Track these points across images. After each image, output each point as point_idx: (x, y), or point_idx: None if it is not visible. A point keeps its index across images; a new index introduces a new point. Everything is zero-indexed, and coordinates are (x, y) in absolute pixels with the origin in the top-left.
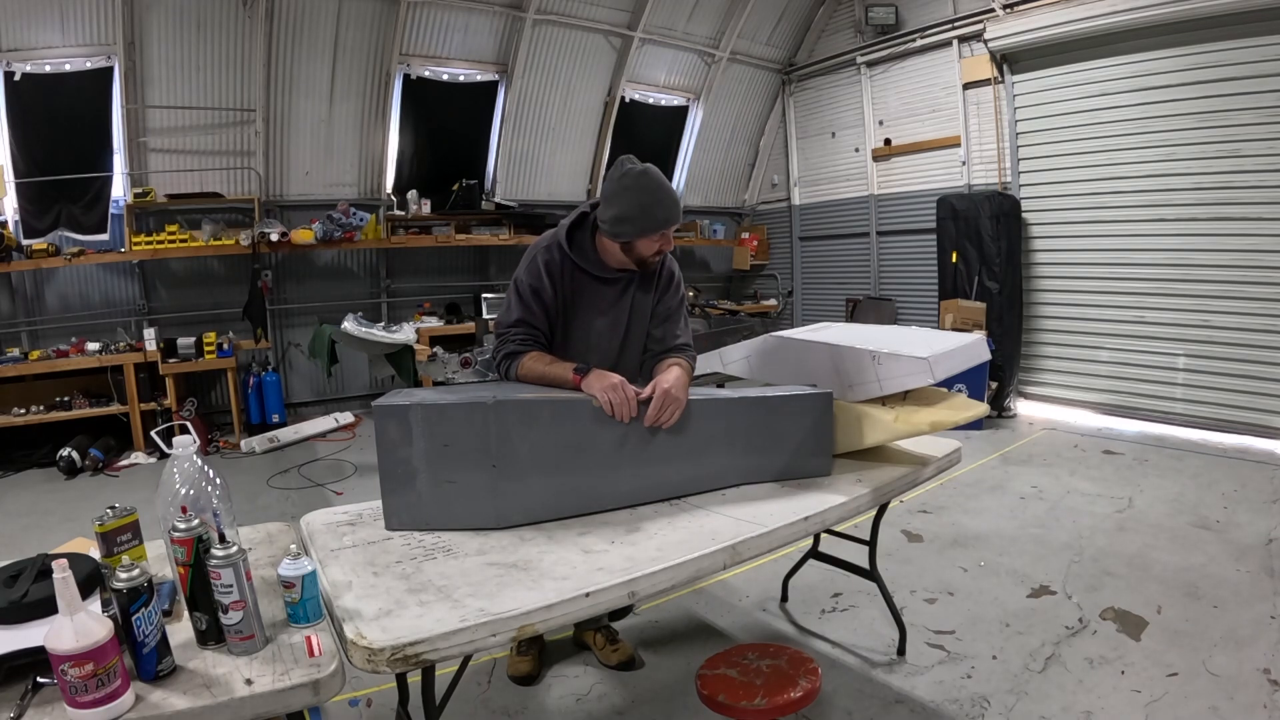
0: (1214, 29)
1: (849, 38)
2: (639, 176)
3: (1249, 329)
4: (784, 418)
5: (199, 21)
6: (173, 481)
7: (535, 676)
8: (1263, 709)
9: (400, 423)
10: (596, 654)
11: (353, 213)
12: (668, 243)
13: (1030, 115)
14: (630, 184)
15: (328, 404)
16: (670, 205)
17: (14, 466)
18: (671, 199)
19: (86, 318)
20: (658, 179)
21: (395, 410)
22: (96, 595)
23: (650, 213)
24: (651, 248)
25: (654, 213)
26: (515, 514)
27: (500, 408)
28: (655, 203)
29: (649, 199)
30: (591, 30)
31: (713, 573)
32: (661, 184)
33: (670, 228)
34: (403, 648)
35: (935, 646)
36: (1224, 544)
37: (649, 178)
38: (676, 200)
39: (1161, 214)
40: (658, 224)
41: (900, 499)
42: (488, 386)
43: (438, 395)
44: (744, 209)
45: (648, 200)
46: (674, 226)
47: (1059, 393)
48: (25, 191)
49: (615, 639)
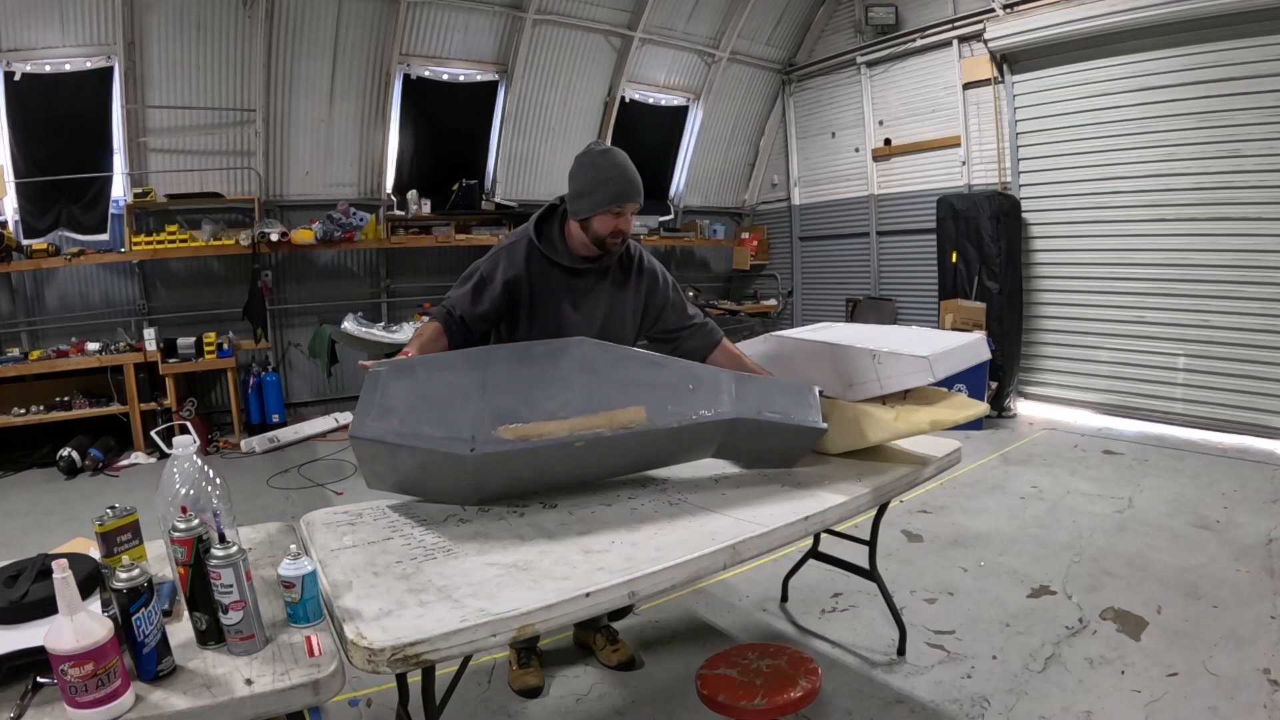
0: (1214, 29)
1: (849, 38)
2: (599, 155)
3: (1249, 329)
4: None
5: (199, 21)
6: (173, 481)
7: (541, 688)
8: (1263, 709)
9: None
10: (597, 654)
11: (353, 213)
12: (625, 223)
13: (1030, 115)
14: (589, 162)
15: (328, 404)
16: (625, 182)
17: (14, 466)
18: (627, 177)
19: (86, 318)
20: (617, 157)
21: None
22: (96, 595)
23: (604, 188)
24: (608, 226)
25: (607, 189)
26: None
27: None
28: (609, 179)
29: (604, 175)
30: (591, 30)
31: (713, 573)
32: (619, 162)
33: (626, 205)
34: (403, 648)
35: (935, 646)
36: (1224, 544)
37: (607, 156)
38: (634, 180)
39: (1161, 214)
40: (610, 199)
41: (900, 499)
42: None
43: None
44: (744, 209)
45: (603, 177)
46: (631, 205)
47: (1059, 393)
48: (25, 191)
49: (615, 639)
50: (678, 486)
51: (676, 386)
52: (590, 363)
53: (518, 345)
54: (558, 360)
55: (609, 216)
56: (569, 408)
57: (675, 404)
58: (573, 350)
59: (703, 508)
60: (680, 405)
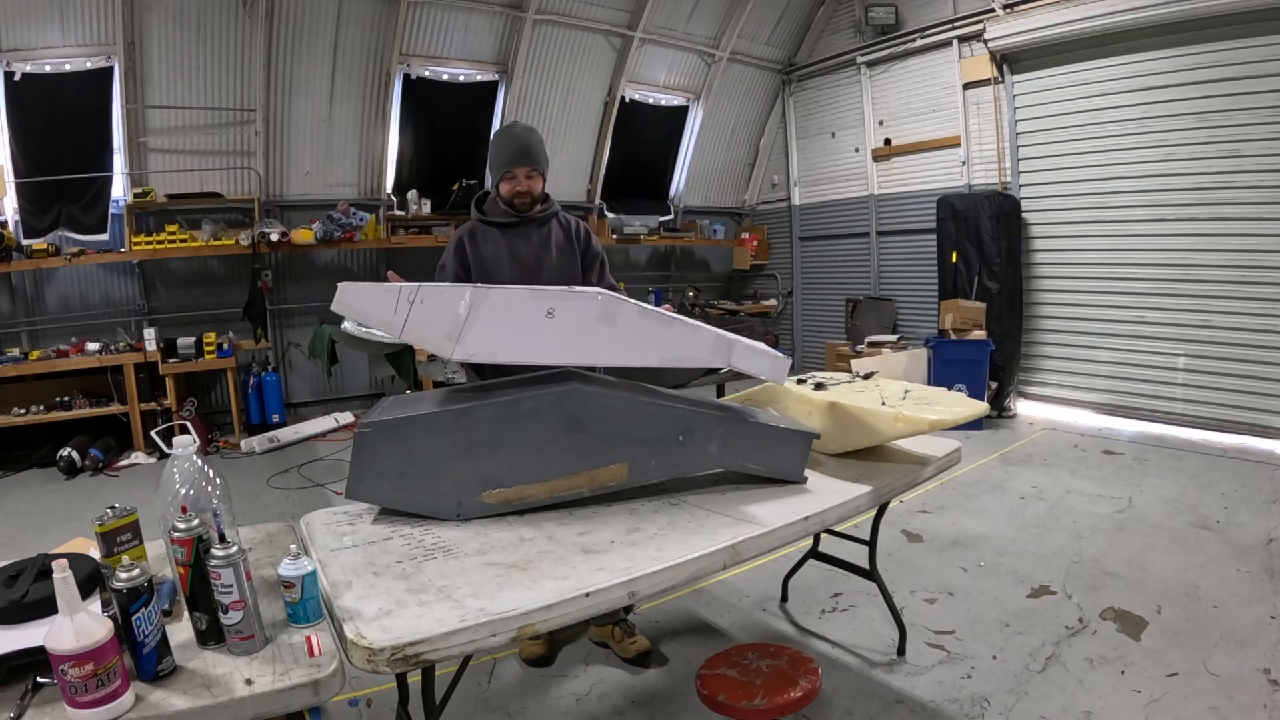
0: (1214, 29)
1: (849, 38)
2: (499, 132)
3: (1249, 329)
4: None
5: (199, 22)
6: (173, 481)
7: (549, 658)
8: (1263, 709)
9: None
10: (614, 647)
11: (353, 213)
12: (523, 184)
13: (1030, 115)
14: (492, 139)
15: (328, 404)
16: (512, 150)
17: (14, 466)
18: (514, 145)
19: (86, 318)
20: (512, 129)
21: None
22: (96, 595)
23: (497, 159)
24: (508, 188)
25: (499, 158)
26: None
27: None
28: (499, 150)
29: (497, 149)
30: (591, 30)
31: (713, 573)
32: (512, 133)
33: (516, 169)
34: (403, 648)
35: (935, 646)
36: (1224, 544)
37: (505, 131)
38: (521, 147)
39: (1161, 214)
40: (502, 164)
41: (900, 499)
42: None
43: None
44: (744, 209)
45: (496, 150)
46: (521, 169)
47: (1059, 393)
48: (25, 191)
49: (633, 631)
50: (678, 486)
51: (664, 440)
52: (577, 418)
53: (504, 402)
54: (543, 416)
55: (507, 181)
56: (552, 468)
57: (660, 459)
58: (563, 404)
59: (702, 508)
60: (665, 460)
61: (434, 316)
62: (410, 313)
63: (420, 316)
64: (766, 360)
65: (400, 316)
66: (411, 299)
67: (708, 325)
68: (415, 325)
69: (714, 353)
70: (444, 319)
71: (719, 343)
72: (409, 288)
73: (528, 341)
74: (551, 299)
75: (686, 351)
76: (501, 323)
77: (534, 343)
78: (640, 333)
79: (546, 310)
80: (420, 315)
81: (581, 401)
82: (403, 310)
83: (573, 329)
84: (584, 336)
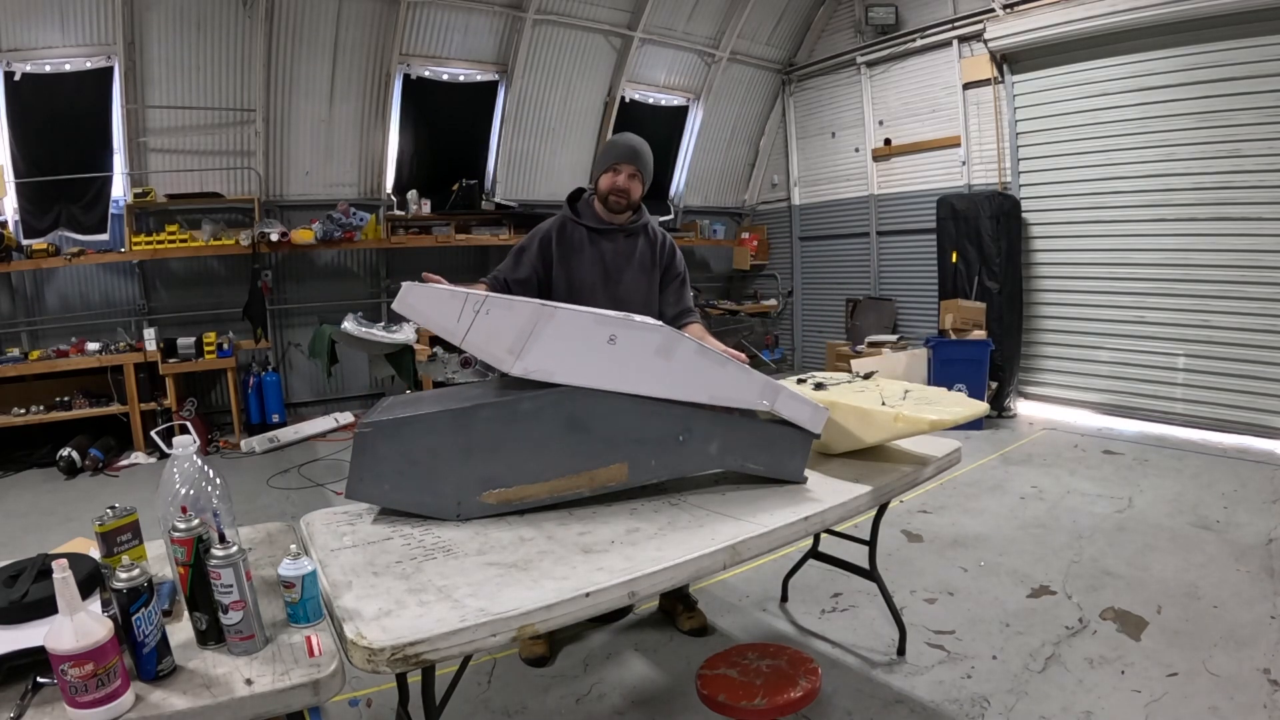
0: (1214, 29)
1: (849, 38)
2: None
3: (1249, 329)
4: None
5: (199, 21)
6: (173, 481)
7: (549, 658)
8: (1263, 709)
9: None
10: (675, 620)
11: (353, 213)
12: (624, 182)
13: (1030, 115)
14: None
15: (328, 404)
16: (627, 148)
17: (14, 466)
18: (624, 144)
19: (86, 318)
20: (630, 136)
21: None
22: (96, 595)
23: (605, 155)
24: (608, 183)
25: (608, 154)
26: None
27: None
28: (609, 147)
29: (608, 146)
30: (591, 30)
31: (713, 573)
32: (628, 137)
33: (621, 165)
34: (403, 648)
35: (935, 646)
36: (1224, 544)
37: (617, 135)
38: (631, 146)
39: (1161, 214)
40: (608, 160)
41: (900, 499)
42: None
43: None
44: (744, 209)
45: (607, 147)
46: (626, 167)
47: (1059, 393)
48: (25, 191)
49: (693, 607)
50: (678, 486)
51: (664, 440)
52: (577, 418)
53: (504, 402)
54: (543, 417)
55: (609, 174)
56: (552, 468)
57: (660, 459)
58: (563, 404)
59: (702, 508)
60: (664, 460)
61: (498, 329)
62: (474, 322)
63: (484, 328)
64: (807, 409)
65: (464, 325)
66: (477, 309)
67: (758, 371)
68: (478, 335)
69: (761, 395)
70: (508, 332)
71: (766, 388)
72: (475, 297)
73: (586, 365)
74: (615, 326)
75: (736, 393)
76: (563, 343)
77: (592, 367)
78: (695, 370)
79: (609, 336)
80: (484, 326)
81: (581, 401)
82: (466, 319)
83: (631, 358)
84: (640, 367)
